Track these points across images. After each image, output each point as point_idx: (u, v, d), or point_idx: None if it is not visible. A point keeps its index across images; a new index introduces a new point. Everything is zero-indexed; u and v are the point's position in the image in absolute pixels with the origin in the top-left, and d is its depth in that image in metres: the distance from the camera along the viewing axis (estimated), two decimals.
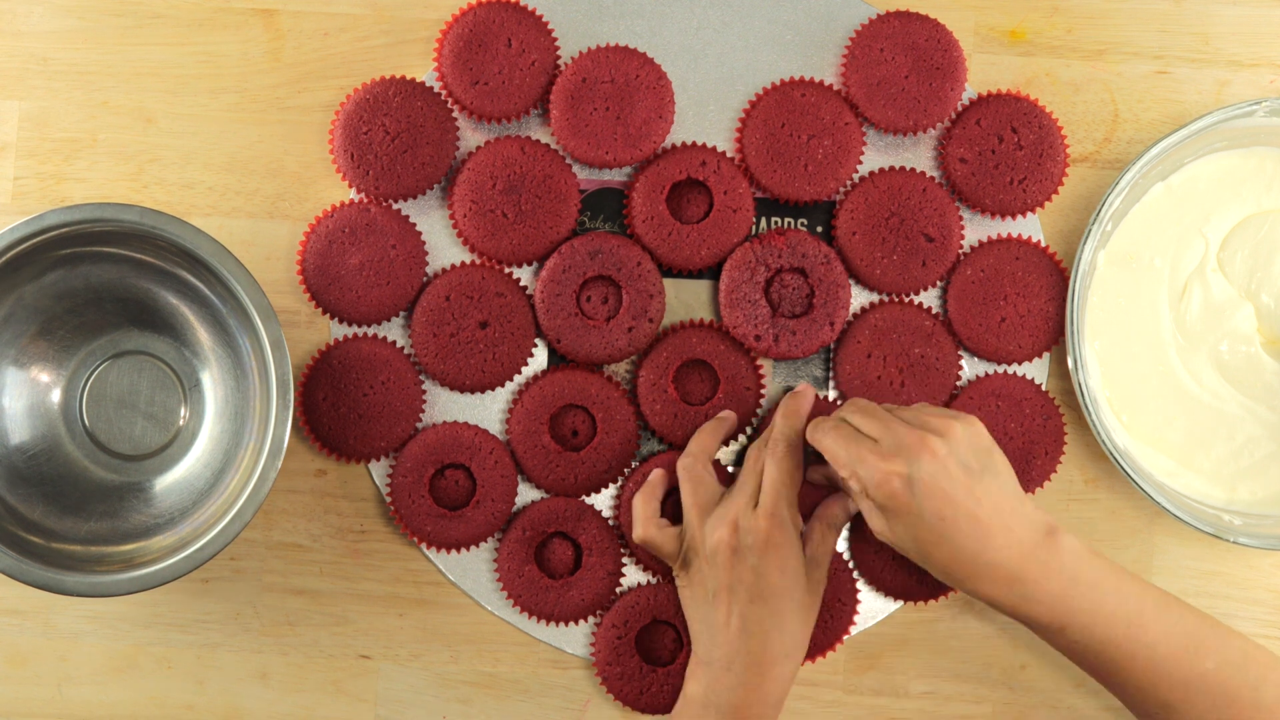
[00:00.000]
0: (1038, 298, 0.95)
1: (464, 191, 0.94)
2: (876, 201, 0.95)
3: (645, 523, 0.92)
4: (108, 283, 0.93)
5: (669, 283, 0.96)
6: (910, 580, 0.95)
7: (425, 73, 0.96)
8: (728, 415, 0.93)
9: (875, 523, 0.86)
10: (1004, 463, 0.86)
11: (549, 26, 0.95)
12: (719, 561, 0.88)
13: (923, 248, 0.95)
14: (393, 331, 0.96)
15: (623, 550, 0.96)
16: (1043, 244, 0.96)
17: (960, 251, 0.96)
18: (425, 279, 0.95)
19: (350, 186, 0.95)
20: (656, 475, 0.93)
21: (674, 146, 0.96)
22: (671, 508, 0.94)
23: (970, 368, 0.96)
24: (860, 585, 0.96)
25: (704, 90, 0.97)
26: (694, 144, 0.96)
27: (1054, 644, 0.86)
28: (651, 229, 0.94)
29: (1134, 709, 0.87)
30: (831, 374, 0.96)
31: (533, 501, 0.95)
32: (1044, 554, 0.84)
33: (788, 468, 0.90)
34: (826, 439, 0.87)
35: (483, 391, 0.95)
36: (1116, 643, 0.84)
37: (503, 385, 0.95)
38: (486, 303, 0.94)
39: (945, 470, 0.83)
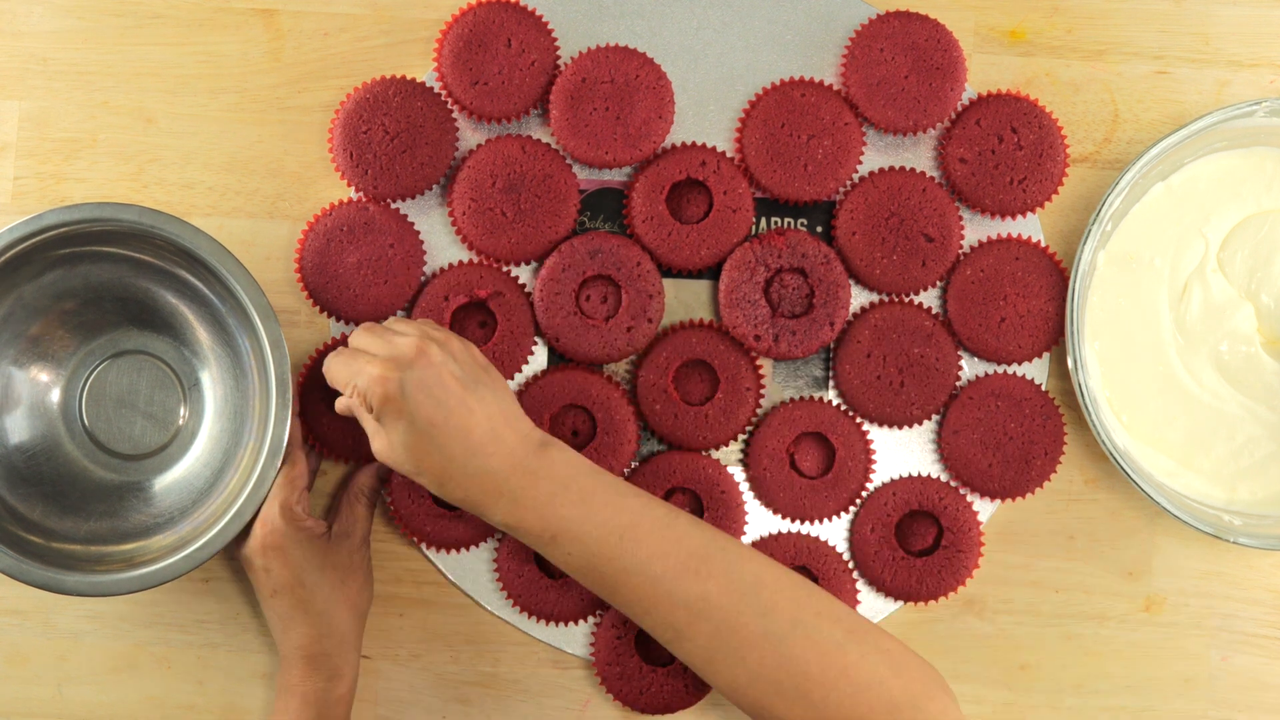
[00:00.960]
0: (1038, 298, 0.95)
1: (464, 190, 0.94)
2: (876, 201, 0.95)
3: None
4: (107, 282, 0.93)
5: (669, 283, 0.96)
6: (910, 580, 0.95)
7: (425, 73, 0.96)
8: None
9: (376, 443, 0.85)
10: (500, 381, 0.86)
11: (549, 26, 0.95)
12: (248, 575, 0.91)
13: (923, 248, 0.94)
14: None
15: None
16: (1043, 244, 0.96)
17: (960, 251, 0.96)
18: (423, 278, 0.95)
19: (349, 186, 0.95)
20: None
21: (674, 146, 0.96)
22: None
23: (970, 368, 0.96)
24: (860, 585, 0.96)
25: (704, 90, 0.97)
26: (694, 144, 0.96)
27: (553, 558, 0.85)
28: (651, 229, 0.94)
29: (650, 631, 0.85)
30: (831, 374, 0.96)
31: None
32: (534, 462, 0.84)
33: (285, 475, 0.89)
34: (331, 364, 0.87)
35: None
36: (609, 556, 0.83)
37: None
38: (485, 303, 0.94)
39: (439, 377, 0.83)
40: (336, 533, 0.92)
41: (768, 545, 0.95)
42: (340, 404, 0.87)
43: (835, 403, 0.96)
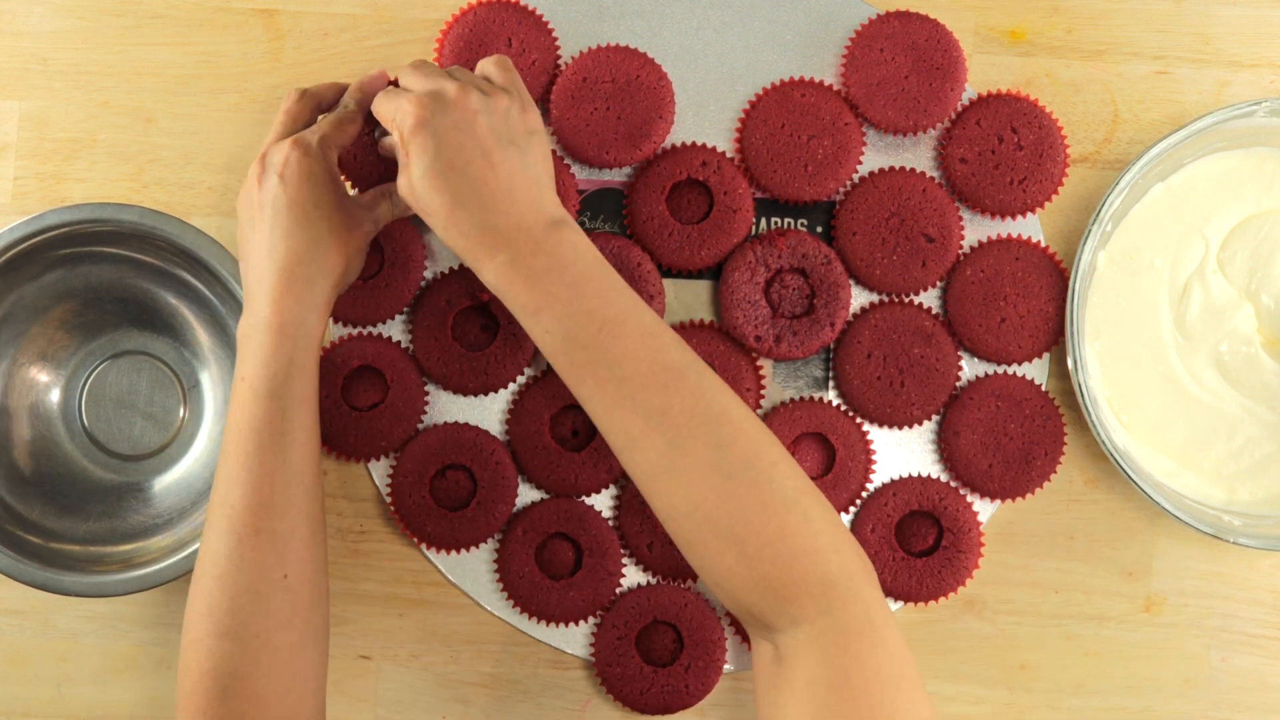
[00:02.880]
0: (1038, 298, 0.95)
1: None
2: (876, 202, 0.95)
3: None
4: (107, 283, 0.93)
5: (669, 283, 0.96)
6: (910, 581, 0.95)
7: None
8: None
9: (400, 178, 0.84)
10: (540, 151, 0.85)
11: (549, 27, 0.95)
12: (249, 184, 0.86)
13: (923, 248, 0.94)
14: (397, 332, 0.96)
15: (623, 551, 0.96)
16: (1043, 244, 0.96)
17: (960, 252, 0.96)
18: (424, 281, 0.95)
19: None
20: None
21: (674, 147, 0.96)
22: None
23: (970, 368, 0.96)
24: None
25: (704, 90, 0.97)
26: (694, 144, 0.96)
27: (532, 333, 0.83)
28: (651, 229, 0.94)
29: (604, 434, 0.84)
30: (831, 374, 0.96)
31: (533, 502, 0.95)
32: (540, 234, 0.82)
33: (336, 119, 0.87)
34: (378, 101, 0.86)
35: (485, 394, 0.95)
36: (583, 343, 0.82)
37: (505, 387, 0.95)
38: (487, 306, 0.94)
39: (470, 124, 0.82)
40: (359, 199, 0.89)
41: None
42: (384, 141, 0.89)
43: (835, 403, 0.96)
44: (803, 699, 0.77)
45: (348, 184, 0.93)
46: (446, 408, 0.96)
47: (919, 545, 0.96)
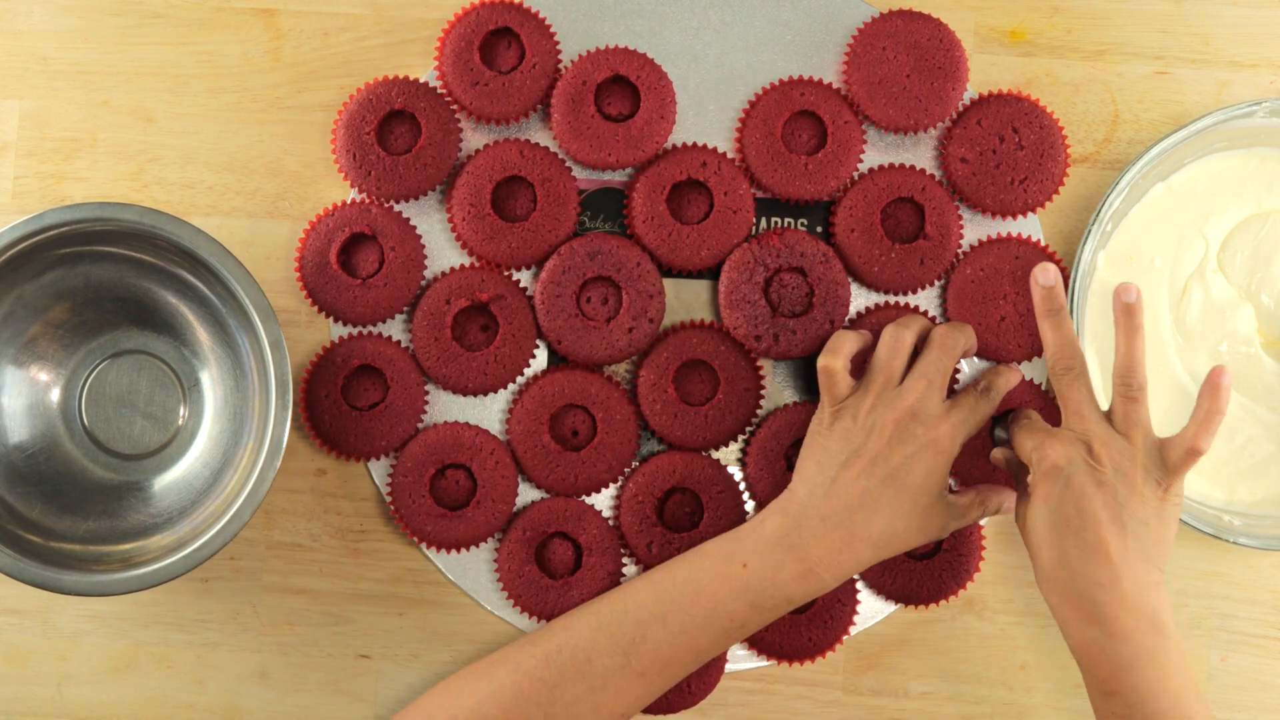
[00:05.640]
0: None
1: (462, 196, 0.94)
2: (875, 199, 0.95)
3: (839, 355, 0.89)
4: (107, 282, 0.93)
5: (669, 283, 0.96)
6: (911, 584, 0.95)
7: (425, 72, 0.96)
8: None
9: (1020, 506, 0.87)
10: (1157, 538, 0.85)
11: (549, 27, 0.95)
12: (877, 428, 0.87)
13: (921, 246, 0.94)
14: (397, 331, 0.96)
15: (623, 550, 0.96)
16: (1043, 244, 0.96)
17: (959, 250, 0.96)
18: (424, 281, 0.95)
19: (352, 186, 0.95)
20: (864, 334, 0.92)
21: (674, 147, 0.96)
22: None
23: (970, 367, 0.96)
24: (861, 588, 0.96)
25: (704, 90, 0.97)
26: (694, 144, 0.96)
27: (1096, 708, 0.85)
28: (652, 229, 0.94)
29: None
30: None
31: (533, 502, 0.95)
32: (1134, 625, 0.83)
33: (984, 413, 0.89)
34: (1019, 429, 0.88)
35: (485, 394, 0.95)
36: None
37: (505, 388, 0.95)
38: (487, 306, 0.94)
39: (1100, 489, 0.84)
40: (957, 498, 0.90)
41: None
42: (995, 454, 0.93)
43: None
44: None
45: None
46: (446, 408, 0.96)
47: (920, 549, 0.96)
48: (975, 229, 0.96)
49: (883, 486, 0.86)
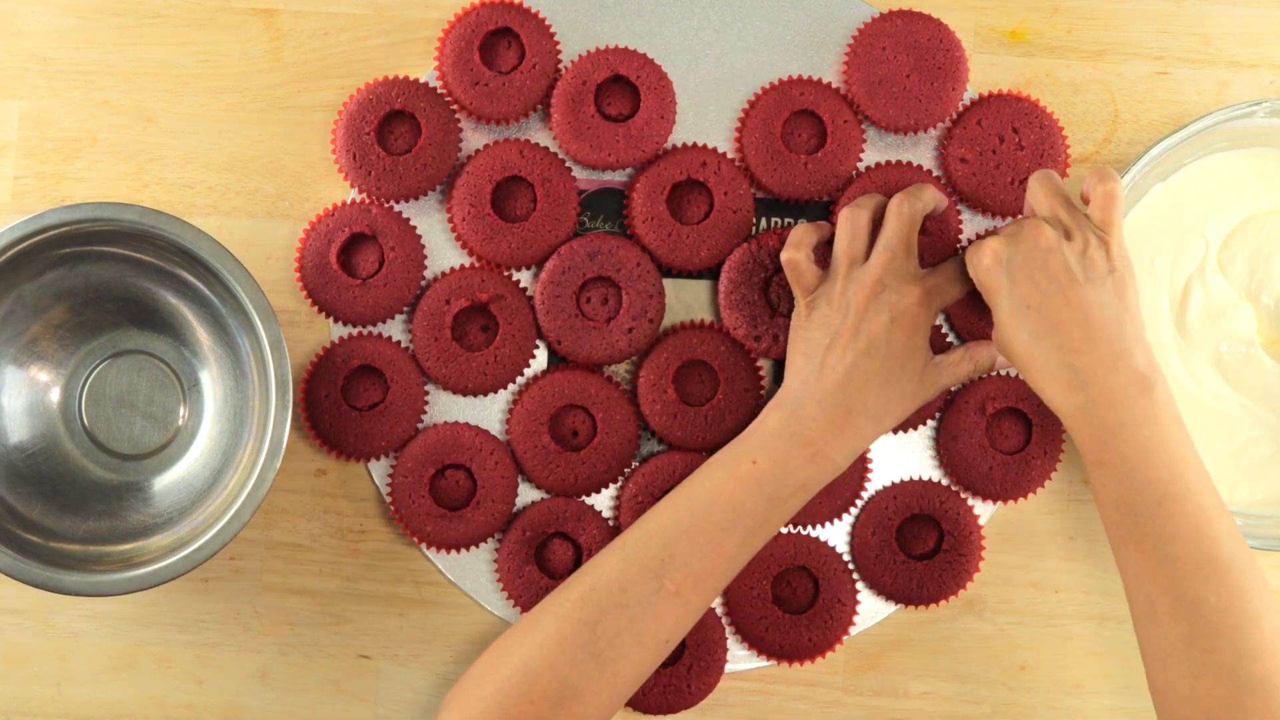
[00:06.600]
0: None
1: (462, 196, 0.94)
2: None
3: (801, 247, 0.90)
4: (107, 282, 0.93)
5: (669, 283, 0.96)
6: (911, 584, 0.95)
7: (425, 72, 0.96)
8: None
9: (993, 333, 0.87)
10: (1117, 292, 0.84)
11: (549, 27, 0.95)
12: (852, 306, 0.87)
13: (921, 245, 0.94)
14: (397, 331, 0.96)
15: None
16: None
17: (958, 250, 0.96)
18: (424, 281, 0.95)
19: (352, 186, 0.95)
20: (822, 224, 0.92)
21: (674, 147, 0.96)
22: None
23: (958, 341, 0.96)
24: (861, 587, 0.96)
25: (704, 90, 0.97)
26: (694, 144, 0.96)
27: (1091, 479, 0.84)
28: (651, 229, 0.94)
29: (1127, 594, 0.84)
30: None
31: (533, 502, 0.95)
32: (1119, 387, 0.81)
33: (951, 279, 0.89)
34: (971, 251, 0.88)
35: (485, 395, 0.95)
36: (1137, 511, 0.81)
37: (505, 388, 0.95)
38: (487, 306, 0.94)
39: (1044, 259, 0.83)
40: (944, 358, 0.90)
41: (767, 546, 0.95)
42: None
43: None
44: None
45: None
46: (446, 408, 0.96)
47: (920, 548, 0.96)
48: (976, 229, 0.96)
49: (868, 359, 0.86)
